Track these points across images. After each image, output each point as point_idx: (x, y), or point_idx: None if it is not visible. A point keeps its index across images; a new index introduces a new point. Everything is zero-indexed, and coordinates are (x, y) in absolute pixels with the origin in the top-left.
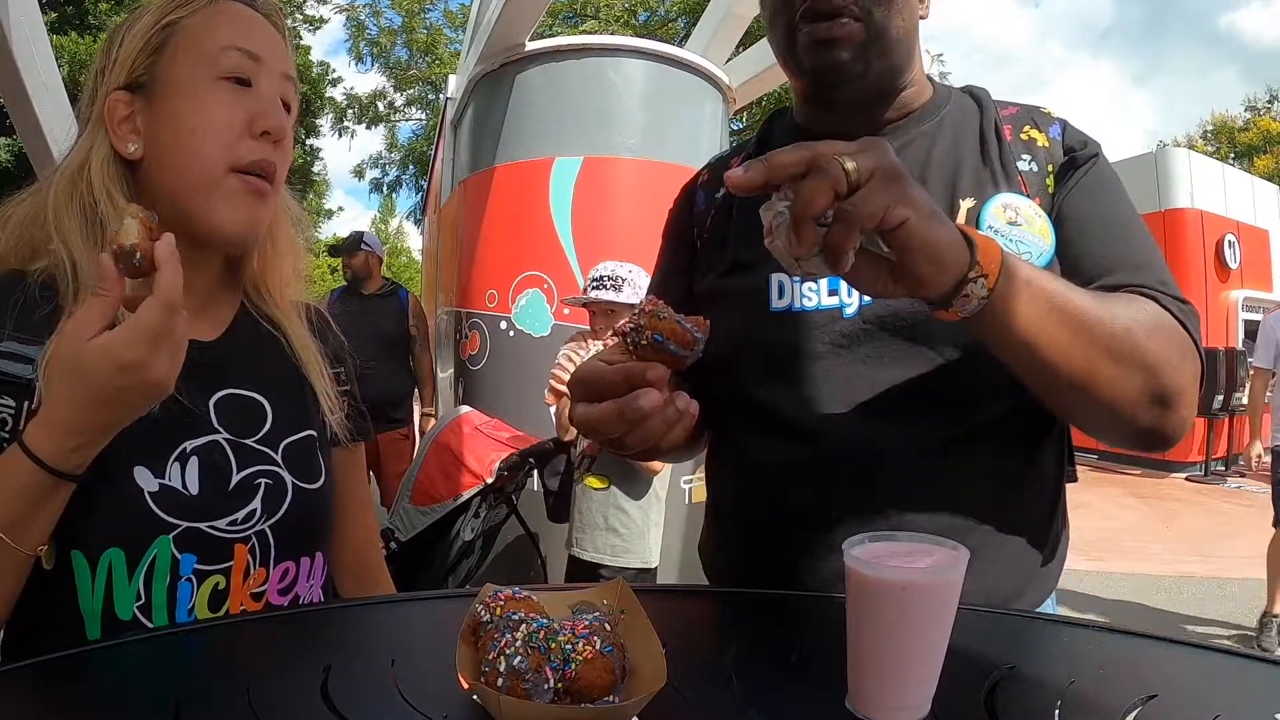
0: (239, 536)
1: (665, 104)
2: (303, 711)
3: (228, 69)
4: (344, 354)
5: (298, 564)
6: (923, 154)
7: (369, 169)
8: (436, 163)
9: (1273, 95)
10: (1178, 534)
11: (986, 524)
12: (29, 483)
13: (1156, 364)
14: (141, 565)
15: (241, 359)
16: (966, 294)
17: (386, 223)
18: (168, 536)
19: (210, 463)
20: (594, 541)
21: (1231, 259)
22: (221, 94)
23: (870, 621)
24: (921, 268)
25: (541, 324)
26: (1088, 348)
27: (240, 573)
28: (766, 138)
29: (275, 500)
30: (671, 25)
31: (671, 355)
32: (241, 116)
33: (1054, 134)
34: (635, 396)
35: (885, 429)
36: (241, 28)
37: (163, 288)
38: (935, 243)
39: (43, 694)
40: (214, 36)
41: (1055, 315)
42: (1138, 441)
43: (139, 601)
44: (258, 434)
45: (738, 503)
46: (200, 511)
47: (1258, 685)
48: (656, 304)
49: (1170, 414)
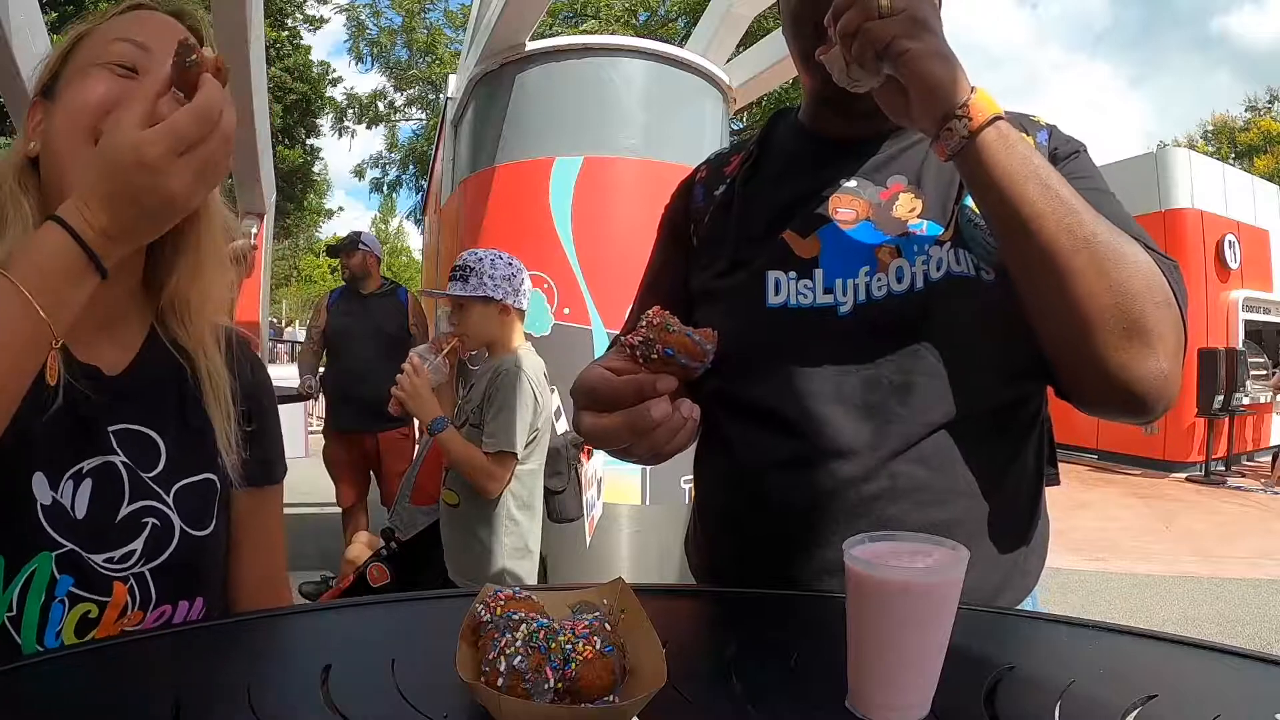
0: (117, 575)
1: (665, 104)
2: (303, 711)
3: (112, 57)
4: (258, 391)
5: (174, 607)
6: (919, 159)
7: (369, 169)
8: (436, 163)
9: (1273, 95)
10: (1178, 534)
11: (970, 520)
12: (61, 253)
13: (1130, 291)
14: (19, 577)
15: (141, 397)
16: (950, 128)
17: (387, 222)
18: (50, 554)
19: (103, 487)
20: (452, 561)
21: (1232, 259)
22: (100, 78)
23: (870, 621)
24: (915, 96)
25: (542, 324)
26: (1062, 225)
27: (117, 609)
28: (769, 137)
29: (159, 543)
30: (671, 25)
31: (681, 368)
32: (110, 96)
33: (1042, 140)
34: (646, 408)
35: (874, 426)
36: (138, 23)
37: (200, 99)
38: (929, 75)
39: (43, 694)
40: (108, 31)
41: (1036, 181)
42: (1114, 391)
43: (10, 613)
44: (152, 471)
45: (725, 498)
46: (83, 538)
47: (1258, 685)
48: (664, 315)
49: (1145, 354)
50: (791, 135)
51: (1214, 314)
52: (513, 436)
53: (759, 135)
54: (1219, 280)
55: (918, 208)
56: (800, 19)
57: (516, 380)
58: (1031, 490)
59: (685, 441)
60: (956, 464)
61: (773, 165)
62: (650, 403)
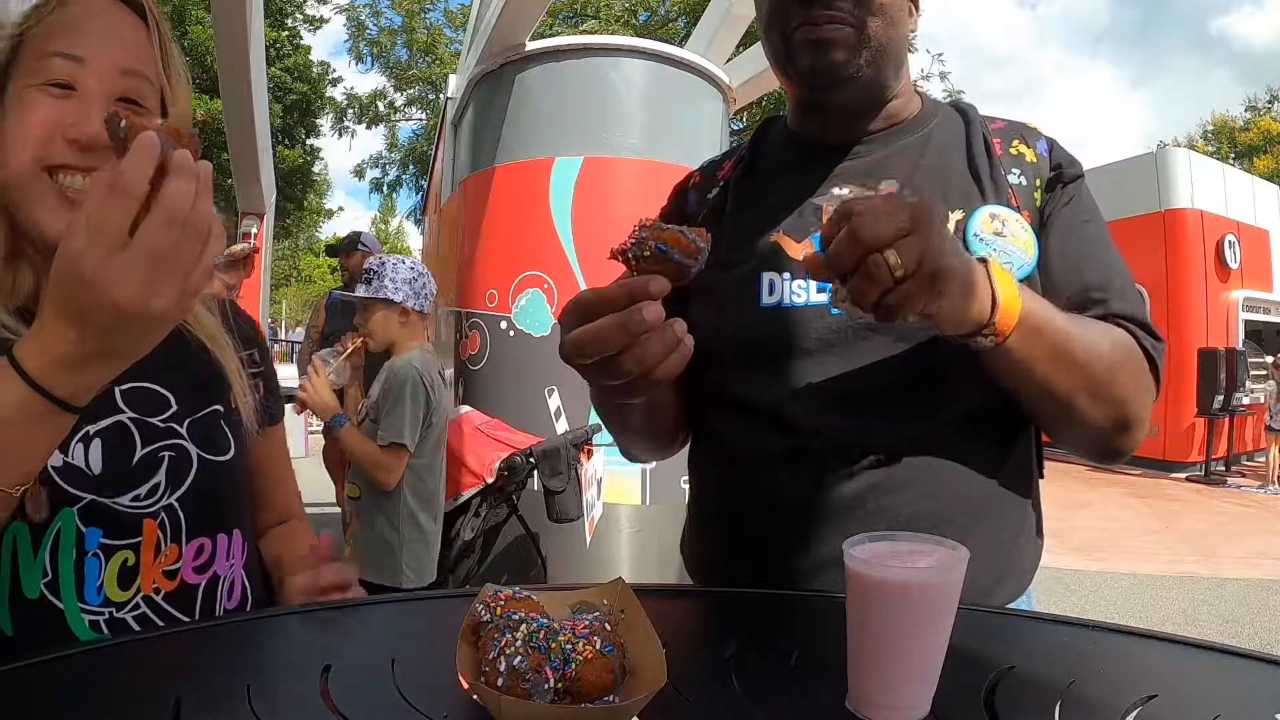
0: (146, 511)
1: (665, 104)
2: (303, 711)
3: (45, 77)
4: (254, 339)
5: (214, 541)
6: (910, 164)
7: (369, 169)
8: (436, 163)
9: (1273, 95)
10: (1178, 534)
11: (963, 517)
12: (14, 403)
13: (1126, 399)
14: (46, 539)
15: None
16: (976, 340)
17: (387, 223)
18: (71, 509)
19: (113, 443)
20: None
21: (1232, 259)
22: (37, 100)
23: (870, 621)
24: (945, 329)
25: (542, 324)
26: (1073, 383)
27: (150, 549)
28: (760, 143)
29: (180, 473)
30: (671, 25)
31: (676, 265)
32: (47, 122)
33: (1042, 150)
34: (639, 307)
35: (867, 422)
36: (74, 27)
37: (164, 199)
38: (961, 320)
39: (43, 694)
40: (44, 43)
41: (1054, 356)
42: (1094, 455)
43: (46, 578)
44: (161, 416)
45: (720, 495)
46: (101, 487)
47: (1258, 685)
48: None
49: (1128, 436)
50: (782, 139)
51: (1214, 314)
52: (403, 429)
53: (751, 140)
54: (1219, 280)
55: None
56: (770, 29)
57: (408, 377)
58: (1025, 488)
59: (678, 365)
60: (949, 462)
61: (765, 168)
62: (643, 304)
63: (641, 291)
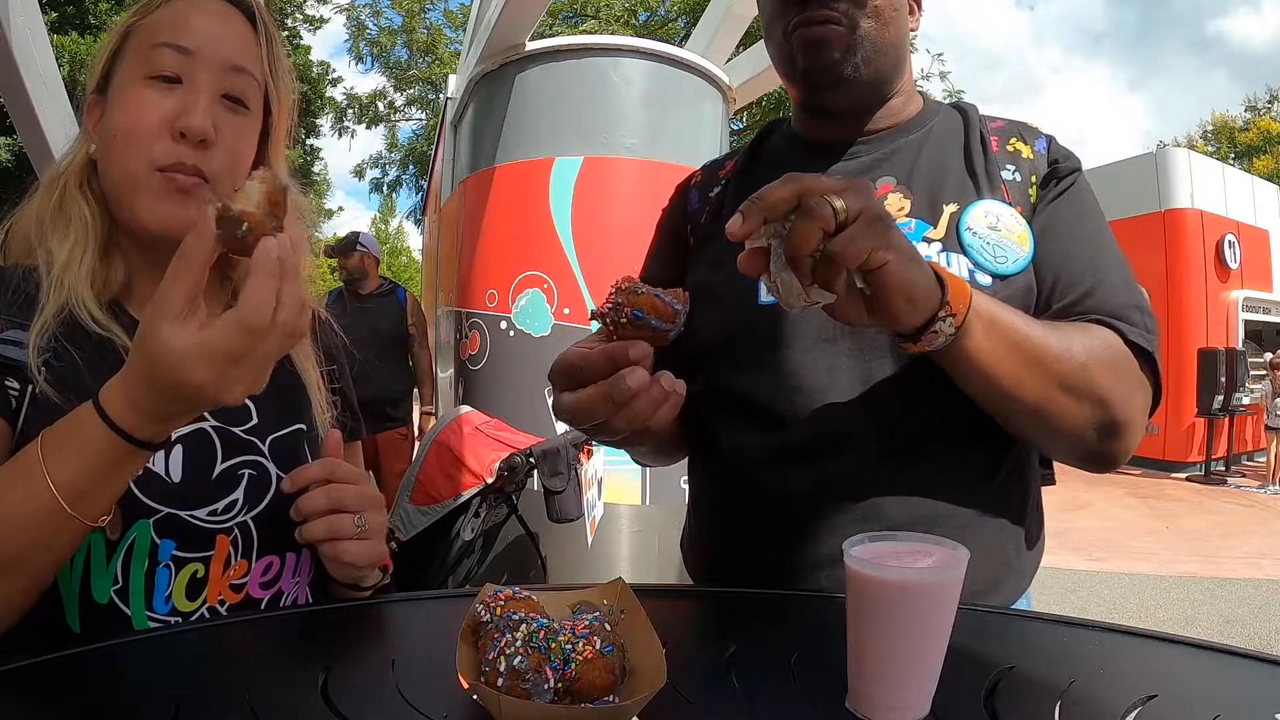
0: (221, 527)
1: (665, 104)
2: (303, 711)
3: (154, 67)
4: (338, 354)
5: (282, 559)
6: (909, 161)
7: (369, 169)
8: (436, 163)
9: (1273, 95)
10: (1178, 534)
11: (960, 515)
12: (99, 446)
13: (1108, 398)
14: (120, 548)
15: None
16: (935, 330)
17: (386, 223)
18: (148, 521)
19: (195, 452)
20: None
21: (1231, 259)
22: (145, 94)
23: (870, 621)
24: (897, 305)
25: (542, 324)
26: (1044, 382)
27: (221, 562)
28: (761, 145)
29: (259, 492)
30: (671, 25)
31: (653, 331)
32: (158, 118)
33: (1039, 147)
34: (621, 376)
35: (864, 419)
36: (182, 20)
37: (245, 305)
38: (912, 283)
39: (43, 694)
40: (152, 35)
41: (1015, 352)
42: (1084, 462)
43: (116, 585)
44: (244, 427)
45: (718, 493)
46: (181, 499)
47: (1258, 685)
48: (631, 280)
49: (1117, 442)
50: (783, 141)
51: (1214, 314)
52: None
53: (752, 141)
54: (1219, 280)
55: (906, 207)
56: (771, 29)
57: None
58: (1025, 488)
59: (669, 415)
60: (949, 460)
61: (765, 167)
62: (626, 371)
63: (623, 358)
